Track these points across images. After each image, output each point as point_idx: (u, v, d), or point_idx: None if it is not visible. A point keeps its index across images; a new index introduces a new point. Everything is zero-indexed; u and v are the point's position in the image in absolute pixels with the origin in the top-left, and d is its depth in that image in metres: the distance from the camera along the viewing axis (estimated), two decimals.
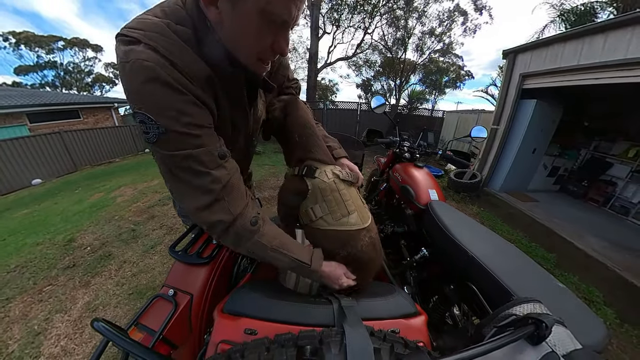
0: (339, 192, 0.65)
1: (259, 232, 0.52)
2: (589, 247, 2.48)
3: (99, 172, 6.20)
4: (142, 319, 0.53)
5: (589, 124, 4.07)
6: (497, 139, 4.01)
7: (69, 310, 1.68)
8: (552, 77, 3.20)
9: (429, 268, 1.14)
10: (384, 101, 1.52)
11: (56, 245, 2.50)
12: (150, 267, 2.07)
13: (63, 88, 18.85)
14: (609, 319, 1.79)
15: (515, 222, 3.17)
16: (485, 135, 1.45)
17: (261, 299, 0.51)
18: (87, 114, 9.01)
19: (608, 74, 2.53)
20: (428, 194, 1.17)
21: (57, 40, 18.21)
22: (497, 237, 0.91)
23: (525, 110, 3.64)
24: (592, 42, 2.68)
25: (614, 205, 3.68)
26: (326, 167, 0.67)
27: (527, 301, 0.49)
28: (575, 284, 2.13)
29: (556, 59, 3.11)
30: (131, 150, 8.61)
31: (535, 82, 3.48)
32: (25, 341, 1.46)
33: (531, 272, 0.75)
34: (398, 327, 0.51)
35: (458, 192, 4.03)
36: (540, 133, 3.76)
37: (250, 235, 0.51)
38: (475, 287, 0.75)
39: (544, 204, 3.66)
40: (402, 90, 11.07)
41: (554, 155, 4.22)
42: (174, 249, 0.68)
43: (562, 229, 2.84)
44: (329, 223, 0.64)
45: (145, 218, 3.00)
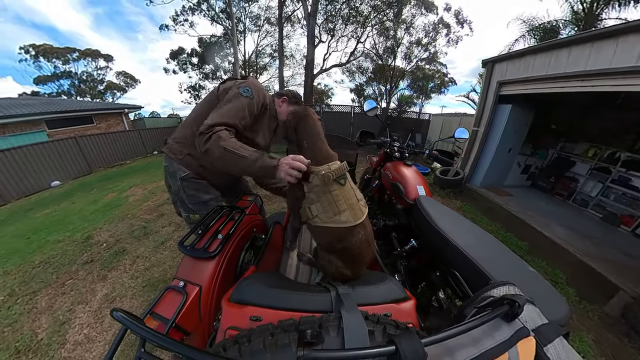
0: (331, 193, 0.66)
1: (232, 138, 0.77)
2: (555, 236, 2.55)
3: (112, 174, 6.09)
4: (156, 309, 0.53)
5: (556, 127, 4.15)
6: (478, 140, 4.05)
7: (90, 301, 1.67)
8: (525, 84, 3.26)
9: (417, 257, 1.15)
10: (375, 105, 1.52)
11: (75, 242, 2.47)
12: (161, 262, 2.05)
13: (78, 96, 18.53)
14: (571, 298, 1.86)
15: (494, 215, 3.22)
16: (467, 136, 1.46)
17: (264, 288, 0.51)
18: (100, 120, 8.82)
19: (571, 83, 2.61)
20: (416, 190, 1.17)
21: (72, 52, 17.94)
22: (478, 228, 0.92)
23: (502, 114, 3.70)
24: (558, 55, 2.74)
25: (576, 199, 3.79)
26: (318, 171, 0.66)
27: (503, 284, 0.50)
28: (543, 268, 2.18)
29: (528, 68, 3.16)
30: (140, 153, 8.48)
31: (510, 89, 3.53)
32: (52, 330, 1.46)
33: (507, 258, 0.76)
34: (390, 311, 0.51)
35: (443, 188, 4.06)
36: (515, 134, 3.83)
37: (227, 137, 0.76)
38: (458, 273, 0.76)
39: (518, 198, 3.72)
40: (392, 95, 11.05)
41: (527, 154, 4.29)
42: (183, 244, 0.67)
43: (532, 220, 2.89)
44: (323, 220, 0.66)
45: (155, 216, 2.97)
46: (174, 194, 1.04)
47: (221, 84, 0.97)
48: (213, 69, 13.05)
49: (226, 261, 0.70)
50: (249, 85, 0.88)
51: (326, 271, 0.72)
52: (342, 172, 0.69)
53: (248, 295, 0.50)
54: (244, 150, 0.73)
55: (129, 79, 20.99)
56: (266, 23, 11.58)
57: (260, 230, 1.01)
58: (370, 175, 1.85)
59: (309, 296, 0.50)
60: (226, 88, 0.92)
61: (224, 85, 0.94)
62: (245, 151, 0.73)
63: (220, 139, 0.73)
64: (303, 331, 0.38)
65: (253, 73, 13.02)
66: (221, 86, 0.95)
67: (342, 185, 0.68)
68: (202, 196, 1.02)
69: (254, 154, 0.73)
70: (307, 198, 0.69)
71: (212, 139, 0.73)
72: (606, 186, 3.43)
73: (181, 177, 0.97)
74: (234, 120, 0.80)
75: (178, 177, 0.97)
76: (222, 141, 0.73)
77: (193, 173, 0.98)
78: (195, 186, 1.00)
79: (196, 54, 12.64)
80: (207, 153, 0.75)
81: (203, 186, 1.02)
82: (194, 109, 1.02)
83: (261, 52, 12.86)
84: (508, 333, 0.39)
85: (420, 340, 0.31)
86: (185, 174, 0.97)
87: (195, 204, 1.02)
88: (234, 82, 0.95)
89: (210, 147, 0.73)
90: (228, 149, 0.72)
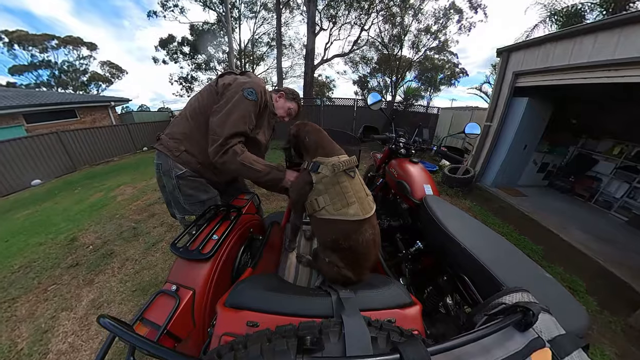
0: (340, 184, 0.68)
1: (245, 152, 0.90)
2: (573, 240, 2.54)
3: (98, 172, 6.10)
4: (146, 314, 0.54)
5: (577, 122, 4.11)
6: (490, 136, 4.03)
7: (75, 308, 1.67)
8: (544, 75, 3.21)
9: (423, 260, 1.16)
10: (380, 98, 1.51)
11: (59, 245, 2.48)
12: (153, 264, 2.07)
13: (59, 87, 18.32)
14: (591, 307, 1.85)
15: (506, 216, 3.22)
16: (478, 132, 1.44)
17: (262, 292, 0.52)
18: (84, 113, 8.77)
19: (597, 73, 2.54)
20: (423, 189, 1.18)
21: (50, 39, 17.64)
22: (488, 230, 0.92)
23: (518, 107, 3.65)
24: (583, 42, 2.67)
25: (598, 200, 3.75)
26: (328, 161, 0.70)
27: (516, 291, 0.50)
28: (560, 274, 2.17)
29: (548, 58, 3.11)
30: (129, 149, 8.48)
31: (527, 81, 3.48)
32: (34, 339, 1.46)
33: (520, 263, 0.77)
34: (394, 316, 0.52)
35: (452, 187, 4.06)
36: (531, 130, 3.79)
37: (241, 152, 0.89)
38: (467, 278, 0.77)
39: (533, 198, 3.71)
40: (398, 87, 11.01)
41: (544, 151, 4.25)
42: (176, 246, 0.68)
43: (549, 222, 2.90)
44: (330, 213, 0.68)
45: (146, 216, 2.99)
46: (168, 194, 1.04)
47: (219, 77, 1.00)
48: (206, 59, 12.99)
49: (221, 263, 0.71)
50: (253, 87, 0.93)
51: (327, 273, 0.74)
52: (352, 164, 0.72)
53: (244, 299, 0.51)
54: (258, 165, 0.90)
55: (115, 69, 20.75)
56: (263, 9, 11.51)
57: (258, 231, 1.02)
58: (374, 173, 1.85)
59: (308, 300, 0.51)
60: (226, 84, 0.94)
61: (223, 79, 0.97)
62: (259, 165, 0.90)
63: (237, 155, 0.87)
64: (302, 337, 0.38)
65: (249, 64, 12.97)
66: (220, 80, 0.97)
67: (352, 178, 0.71)
68: (200, 195, 1.03)
69: (266, 168, 0.91)
70: (314, 189, 0.71)
71: (230, 154, 0.87)
72: (633, 187, 3.38)
73: (177, 176, 0.97)
74: (244, 127, 0.91)
75: (173, 176, 0.97)
76: (238, 156, 0.87)
77: (191, 171, 0.99)
78: (193, 185, 1.01)
79: (187, 42, 12.58)
80: (224, 165, 0.88)
81: (201, 185, 1.03)
82: (190, 102, 1.02)
83: (258, 40, 12.79)
84: (521, 343, 0.38)
85: (426, 348, 0.31)
86: (182, 172, 0.97)
87: (192, 204, 1.02)
88: (234, 78, 0.97)
89: (227, 160, 0.87)
90: (245, 164, 0.87)
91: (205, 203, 1.03)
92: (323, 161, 0.70)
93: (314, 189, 0.71)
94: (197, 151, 0.97)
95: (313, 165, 0.72)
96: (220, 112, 0.89)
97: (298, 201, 0.79)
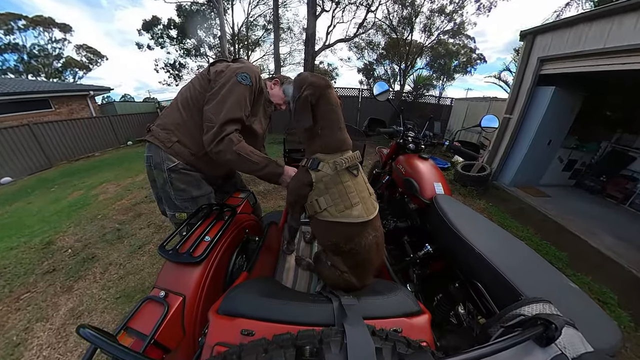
0: (343, 184, 0.69)
1: (242, 142, 0.92)
2: (603, 246, 2.49)
3: (77, 168, 6.14)
4: (131, 323, 0.54)
5: (612, 115, 4.02)
6: (510, 130, 4.01)
7: (51, 318, 1.67)
8: (574, 61, 3.12)
9: (433, 265, 1.16)
10: (387, 87, 1.51)
11: (33, 249, 2.48)
12: (139, 269, 2.09)
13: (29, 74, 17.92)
14: (623, 322, 1.81)
15: (526, 218, 3.22)
16: (496, 125, 1.45)
17: (258, 298, 0.53)
18: (60, 104, 8.68)
19: (637, 58, 2.42)
20: (433, 188, 1.18)
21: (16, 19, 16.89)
22: (506, 234, 0.93)
23: (542, 98, 3.60)
24: (622, 21, 2.55)
25: (635, 203, 3.65)
26: (330, 159, 0.70)
27: (536, 301, 0.50)
28: (588, 284, 2.15)
29: (579, 41, 3.00)
30: (112, 143, 8.51)
31: (554, 67, 3.41)
32: (4, 353, 1.43)
33: (541, 270, 0.77)
34: (400, 326, 0.52)
35: (465, 186, 4.07)
36: (557, 123, 3.74)
37: (238, 141, 0.91)
38: (482, 286, 0.77)
39: (557, 200, 3.70)
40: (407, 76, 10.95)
41: (571, 147, 4.18)
42: (164, 248, 0.69)
43: (575, 226, 2.87)
44: (332, 215, 0.69)
45: (131, 216, 3.01)
46: (159, 189, 1.06)
47: (211, 65, 1.03)
48: (196, 44, 12.95)
49: (214, 267, 0.72)
50: (246, 72, 0.95)
51: (328, 278, 0.75)
52: (355, 161, 0.72)
53: (239, 306, 0.51)
54: (255, 156, 0.92)
55: (93, 54, 20.41)
56: None
57: (254, 232, 1.04)
58: (379, 170, 1.85)
59: (308, 307, 0.52)
60: (219, 71, 0.97)
61: (215, 67, 1.00)
62: (256, 157, 0.92)
63: (233, 144, 0.89)
64: (301, 347, 0.39)
65: (243, 49, 12.92)
66: (212, 68, 1.00)
67: (355, 176, 0.71)
68: (193, 191, 1.05)
69: (264, 160, 0.93)
70: (314, 189, 0.71)
71: (225, 142, 0.89)
72: None
73: (169, 169, 1.00)
74: (240, 113, 0.93)
75: (165, 169, 0.99)
76: (234, 145, 0.89)
77: (184, 163, 1.01)
78: (185, 179, 1.03)
79: (174, 25, 12.52)
80: (219, 155, 0.90)
81: (195, 180, 1.05)
82: (181, 92, 1.05)
83: (253, 23, 12.73)
84: (542, 359, 0.38)
85: None
86: (174, 164, 1.00)
87: (184, 201, 1.04)
88: (226, 65, 1.01)
89: (223, 149, 0.89)
90: (242, 154, 0.89)
91: (197, 200, 1.05)
92: (324, 158, 0.70)
93: (314, 189, 0.71)
94: (190, 142, 1.00)
95: (312, 162, 0.71)
96: (215, 99, 0.91)
97: (296, 202, 0.79)
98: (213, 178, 1.14)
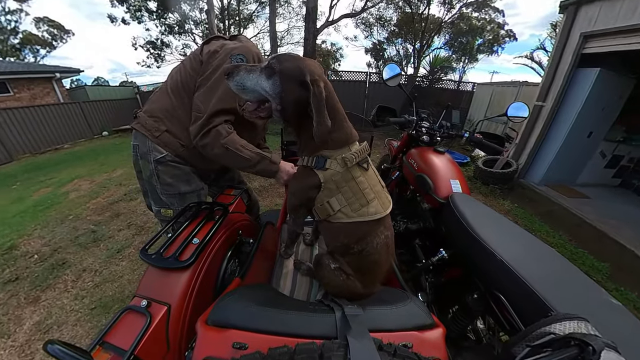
0: (355, 180, 0.70)
1: (232, 134, 0.93)
2: None
3: (44, 162, 6.14)
4: (108, 337, 0.55)
5: None
6: (542, 119, 3.98)
7: (13, 333, 1.68)
8: (627, 37, 2.96)
9: (448, 273, 1.18)
10: (399, 71, 1.51)
11: None
12: (117, 275, 2.11)
13: None
14: None
15: (558, 222, 3.21)
16: (526, 114, 1.44)
17: (252, 307, 0.54)
18: (20, 88, 8.46)
19: None
20: (449, 185, 1.19)
21: None
22: (534, 239, 0.93)
23: (584, 81, 3.51)
24: None
25: None
26: (337, 155, 0.71)
27: (570, 318, 0.49)
28: (633, 301, 2.12)
29: (635, 12, 2.84)
30: (84, 134, 8.53)
31: (601, 45, 3.29)
32: None
33: (576, 283, 0.77)
34: (411, 340, 0.53)
35: (487, 184, 4.07)
36: (601, 112, 3.65)
37: (227, 133, 0.91)
38: (504, 298, 0.78)
39: (598, 201, 3.66)
40: (422, 57, 10.87)
41: (617, 140, 4.07)
42: (147, 252, 0.70)
43: (619, 232, 2.82)
44: (348, 215, 0.71)
45: (108, 216, 3.03)
46: (145, 182, 1.08)
47: (204, 44, 1.02)
48: (179, 19, 12.85)
49: (203, 273, 0.73)
50: (242, 53, 0.94)
51: (331, 284, 0.76)
52: (365, 154, 0.73)
53: (230, 316, 0.53)
54: (246, 151, 0.92)
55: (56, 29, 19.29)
56: None
57: (248, 233, 1.05)
58: (388, 165, 1.87)
59: (307, 317, 0.53)
60: (212, 51, 0.96)
61: (209, 46, 0.99)
62: (247, 152, 0.92)
63: (221, 136, 0.89)
64: None
65: (234, 26, 12.83)
66: (205, 48, 1.00)
67: (366, 170, 0.73)
68: (181, 186, 1.06)
69: (256, 156, 0.94)
70: (324, 189, 0.72)
71: (212, 135, 0.89)
72: None
73: (156, 160, 1.01)
74: (232, 103, 0.91)
75: (152, 160, 1.01)
76: (222, 138, 0.89)
77: (172, 155, 1.02)
78: (173, 172, 1.04)
79: None
80: (205, 149, 0.91)
81: (184, 174, 1.07)
82: (171, 75, 1.06)
83: None
84: None
85: None
86: (162, 155, 1.01)
87: (170, 196, 1.06)
88: (221, 44, 0.99)
89: (209, 142, 0.90)
90: (230, 149, 0.90)
91: (185, 196, 1.07)
92: (331, 154, 0.71)
93: (323, 189, 0.72)
94: (180, 132, 1.01)
95: (318, 160, 0.71)
96: (205, 84, 0.92)
97: (301, 206, 0.79)
98: (206, 172, 1.16)
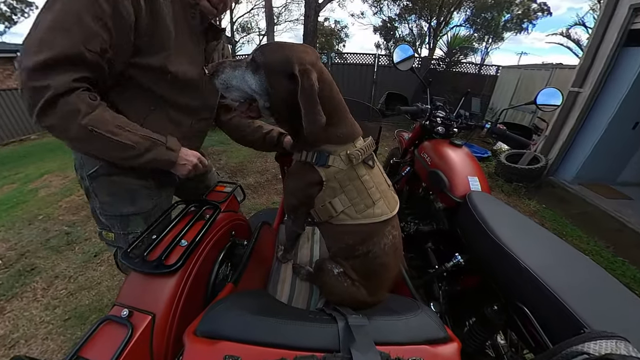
0: (360, 179, 0.72)
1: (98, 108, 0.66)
2: None
3: (7, 155, 6.17)
4: (84, 352, 0.55)
5: None
6: (577, 108, 3.92)
7: None
8: None
9: (465, 280, 1.19)
10: (412, 52, 1.52)
11: None
12: (95, 282, 2.13)
13: None
14: None
15: (593, 226, 3.21)
16: (559, 101, 1.43)
17: (246, 315, 0.56)
18: None
19: None
20: (467, 183, 1.20)
21: None
22: (564, 245, 0.94)
23: (631, 63, 3.42)
24: None
25: None
26: (341, 150, 0.72)
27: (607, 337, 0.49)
28: None
29: None
30: None
31: None
32: None
33: (613, 296, 0.77)
34: (421, 355, 0.54)
35: (510, 182, 4.07)
36: None
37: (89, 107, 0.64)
38: (529, 310, 0.78)
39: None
40: (438, 36, 10.78)
41: None
42: (128, 256, 0.71)
43: None
44: (352, 217, 0.72)
45: (84, 216, 3.04)
46: None
47: None
48: None
49: (192, 278, 0.74)
50: None
51: (333, 291, 0.78)
52: (370, 150, 0.75)
53: (222, 326, 0.54)
54: (127, 134, 0.69)
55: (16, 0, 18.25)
56: None
57: (242, 234, 1.06)
58: (398, 159, 1.88)
59: (307, 327, 0.55)
60: None
61: None
62: (129, 135, 0.69)
63: (80, 114, 0.62)
64: None
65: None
66: None
67: (371, 167, 0.74)
68: (121, 207, 0.90)
69: (144, 141, 0.72)
70: (326, 188, 0.73)
71: (60, 111, 0.61)
72: None
73: (89, 175, 0.86)
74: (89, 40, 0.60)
75: (85, 176, 0.87)
76: (82, 117, 0.63)
77: (107, 165, 0.83)
78: (110, 189, 0.88)
79: None
80: (53, 132, 0.66)
81: (125, 191, 0.90)
82: None
83: None
84: None
85: None
86: (94, 169, 0.84)
87: (109, 217, 0.92)
88: None
89: (57, 124, 0.64)
90: (97, 131, 0.65)
91: (128, 219, 0.92)
92: (334, 150, 0.71)
93: (325, 188, 0.73)
94: None
95: (319, 156, 0.71)
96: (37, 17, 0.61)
97: (301, 205, 0.81)
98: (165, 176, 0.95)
